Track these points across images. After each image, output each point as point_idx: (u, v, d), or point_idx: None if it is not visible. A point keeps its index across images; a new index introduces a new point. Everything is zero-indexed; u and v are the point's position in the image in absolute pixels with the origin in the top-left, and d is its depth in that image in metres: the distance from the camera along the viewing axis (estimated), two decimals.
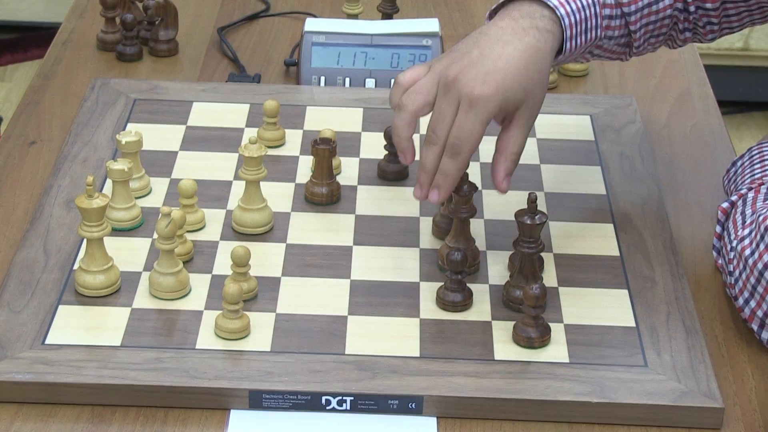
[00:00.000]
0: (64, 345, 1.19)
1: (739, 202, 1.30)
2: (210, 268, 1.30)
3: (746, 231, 1.24)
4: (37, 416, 1.15)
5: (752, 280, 1.22)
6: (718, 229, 1.31)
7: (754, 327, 1.24)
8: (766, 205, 1.24)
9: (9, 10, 3.44)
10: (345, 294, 1.27)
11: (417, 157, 1.28)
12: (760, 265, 1.21)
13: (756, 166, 1.36)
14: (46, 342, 1.20)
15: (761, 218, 1.22)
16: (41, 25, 3.35)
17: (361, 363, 1.19)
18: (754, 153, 1.39)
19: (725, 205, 1.31)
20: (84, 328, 1.22)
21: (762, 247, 1.20)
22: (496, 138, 1.28)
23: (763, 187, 1.28)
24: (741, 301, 1.24)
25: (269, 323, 1.23)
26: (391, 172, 1.44)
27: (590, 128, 1.56)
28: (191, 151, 1.50)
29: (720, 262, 1.31)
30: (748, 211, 1.27)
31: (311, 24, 1.66)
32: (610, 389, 1.17)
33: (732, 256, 1.26)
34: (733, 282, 1.25)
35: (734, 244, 1.25)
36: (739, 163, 1.40)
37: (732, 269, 1.25)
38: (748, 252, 1.22)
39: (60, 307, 1.24)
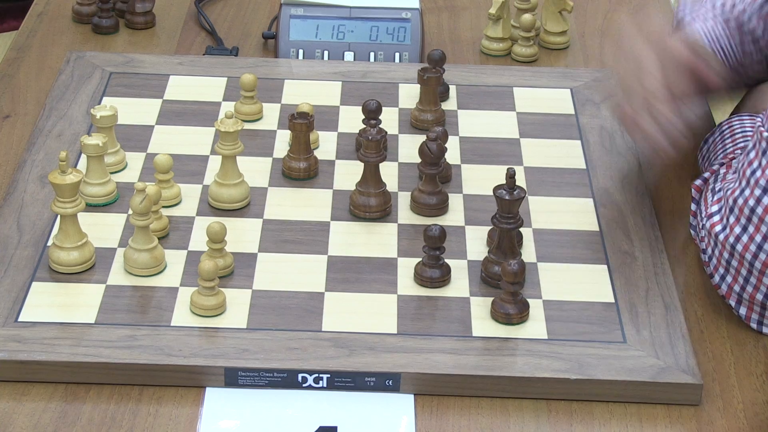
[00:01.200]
0: (37, 323, 1.18)
1: (711, 179, 1.29)
2: (186, 244, 1.29)
3: (715, 207, 1.23)
4: (10, 395, 1.13)
5: (726, 255, 1.21)
6: (693, 207, 1.31)
7: (732, 303, 1.24)
8: (732, 179, 1.24)
9: None
10: (322, 270, 1.26)
11: None
12: (731, 240, 1.20)
13: (727, 141, 1.35)
14: (19, 319, 1.18)
15: (728, 192, 1.21)
16: None
17: (337, 340, 1.18)
18: (724, 129, 1.38)
19: (698, 182, 1.31)
20: (58, 306, 1.21)
21: (732, 220, 1.20)
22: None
23: (734, 161, 1.28)
24: (717, 278, 1.24)
25: (245, 300, 1.22)
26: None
27: (570, 102, 1.55)
28: (167, 125, 1.48)
29: (697, 240, 1.30)
30: (718, 186, 1.26)
31: None
32: (589, 366, 1.16)
33: (703, 234, 1.25)
34: (707, 260, 1.25)
35: (705, 221, 1.24)
36: (710, 140, 1.40)
37: (704, 247, 1.25)
38: (719, 228, 1.22)
39: (33, 284, 1.23)
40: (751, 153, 1.20)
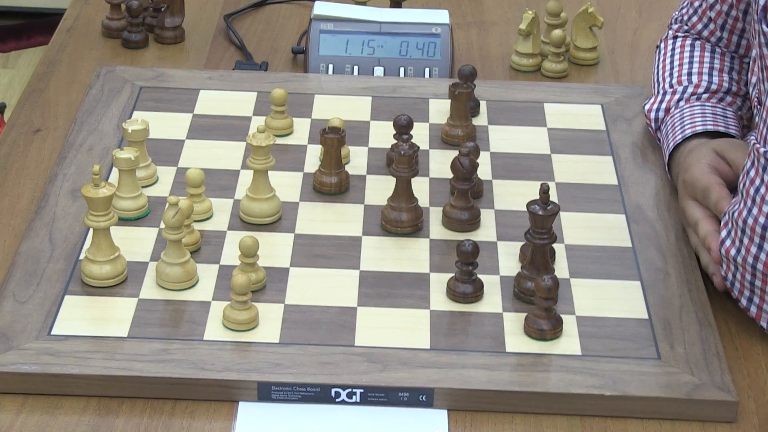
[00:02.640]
0: (70, 336, 1.18)
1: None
2: (218, 258, 1.29)
3: (724, 233, 1.23)
4: (44, 408, 1.13)
5: (748, 277, 1.20)
6: None
7: (764, 324, 1.23)
8: (736, 201, 1.23)
9: None
10: (354, 285, 1.26)
11: None
12: (750, 260, 1.19)
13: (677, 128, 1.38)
14: (52, 333, 1.18)
15: (735, 215, 1.21)
16: (44, 11, 3.33)
17: (370, 355, 1.17)
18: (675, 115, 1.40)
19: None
20: (90, 319, 1.21)
21: (746, 241, 1.19)
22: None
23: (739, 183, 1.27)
24: (744, 301, 1.23)
25: (278, 314, 1.22)
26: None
27: (601, 118, 1.54)
28: (198, 139, 1.48)
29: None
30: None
31: (320, 7, 1.64)
32: (623, 382, 1.16)
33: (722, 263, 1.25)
34: (730, 285, 1.24)
35: (720, 249, 1.24)
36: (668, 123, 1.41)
37: (724, 273, 1.24)
38: (734, 252, 1.21)
39: (66, 297, 1.23)
40: (750, 172, 1.20)
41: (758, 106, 1.28)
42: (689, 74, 1.46)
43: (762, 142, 1.19)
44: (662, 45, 1.53)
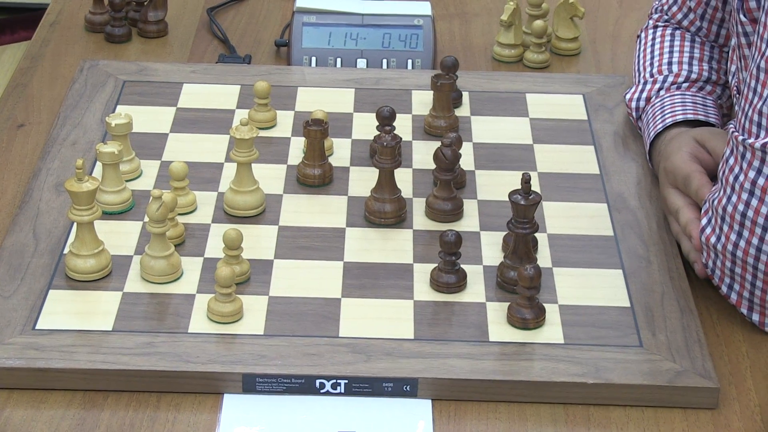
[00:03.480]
0: (54, 330, 1.18)
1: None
2: (202, 251, 1.29)
3: (704, 220, 1.23)
4: (29, 402, 1.14)
5: (728, 264, 1.21)
6: None
7: (744, 311, 1.24)
8: (715, 189, 1.24)
9: None
10: (338, 276, 1.27)
11: None
12: (730, 248, 1.20)
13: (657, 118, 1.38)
14: (37, 327, 1.19)
15: (715, 203, 1.22)
16: (28, 6, 3.32)
17: (355, 346, 1.18)
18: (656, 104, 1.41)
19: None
20: (75, 313, 1.21)
21: (725, 229, 1.20)
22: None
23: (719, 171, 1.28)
24: (725, 288, 1.24)
25: (262, 306, 1.22)
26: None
27: (583, 107, 1.55)
28: (182, 133, 1.48)
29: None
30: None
31: (302, 0, 1.64)
32: (606, 370, 1.16)
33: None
34: (710, 273, 1.25)
35: (701, 237, 1.25)
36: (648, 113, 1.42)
37: (705, 260, 1.25)
38: (714, 239, 1.22)
39: (50, 291, 1.23)
40: (730, 159, 1.21)
41: (737, 95, 1.29)
42: (669, 63, 1.47)
43: (740, 131, 1.20)
44: (642, 35, 1.54)
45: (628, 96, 1.49)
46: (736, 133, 1.20)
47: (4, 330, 1.18)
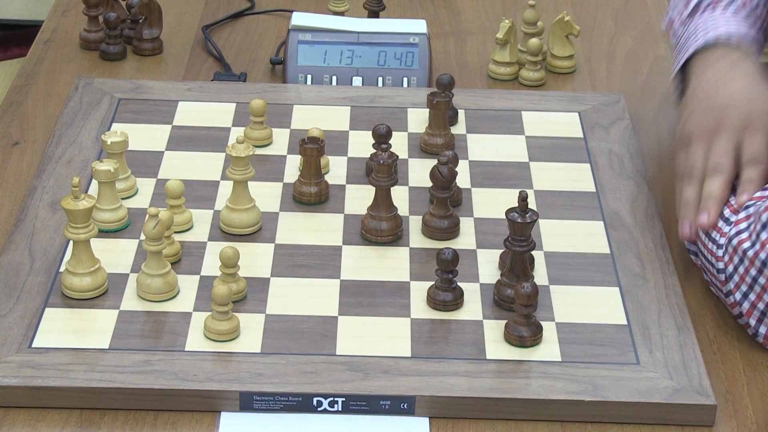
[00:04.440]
0: (51, 348, 1.18)
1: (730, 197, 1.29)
2: (198, 269, 1.29)
3: (743, 224, 1.22)
4: (25, 420, 1.13)
5: (753, 272, 1.20)
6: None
7: (752, 322, 1.23)
8: (763, 197, 1.22)
9: None
10: (335, 294, 1.26)
11: None
12: (763, 255, 1.19)
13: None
14: (33, 345, 1.18)
15: (762, 209, 1.20)
16: (21, 23, 3.32)
17: (352, 364, 1.18)
18: None
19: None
20: (71, 331, 1.21)
21: (764, 237, 1.19)
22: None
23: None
24: (738, 295, 1.23)
25: (259, 324, 1.22)
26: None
27: (579, 125, 1.55)
28: (177, 151, 1.48)
29: (699, 263, 1.30)
30: (744, 202, 1.25)
31: (298, 18, 1.65)
32: (603, 388, 1.16)
33: (721, 254, 1.25)
34: (726, 278, 1.25)
35: (729, 239, 1.23)
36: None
37: (723, 266, 1.25)
38: (747, 245, 1.20)
39: (46, 309, 1.23)
40: None
41: None
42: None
43: None
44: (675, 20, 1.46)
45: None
46: None
47: (1, 348, 1.18)
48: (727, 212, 1.25)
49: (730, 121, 1.28)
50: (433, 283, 1.26)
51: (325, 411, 1.15)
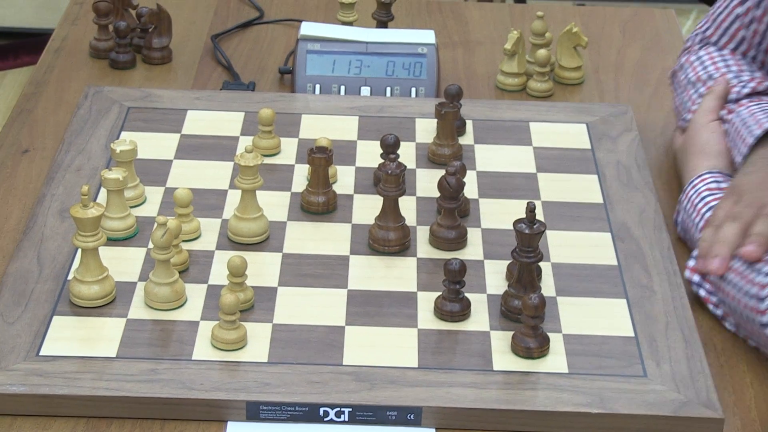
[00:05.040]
0: (58, 356, 1.18)
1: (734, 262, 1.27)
2: (206, 278, 1.29)
3: (766, 291, 1.20)
4: (32, 428, 1.14)
5: None
6: (703, 293, 1.30)
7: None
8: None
9: None
10: (342, 304, 1.27)
11: None
12: None
13: (698, 205, 1.35)
14: (41, 353, 1.19)
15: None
16: (29, 31, 3.34)
17: (359, 374, 1.18)
18: (690, 193, 1.37)
19: (692, 263, 1.30)
20: (79, 339, 1.21)
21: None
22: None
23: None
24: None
25: (266, 334, 1.22)
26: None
27: (586, 137, 1.55)
28: (186, 159, 1.49)
29: (720, 312, 1.28)
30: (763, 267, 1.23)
31: (306, 28, 1.65)
32: (610, 399, 1.16)
33: (764, 307, 1.20)
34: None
35: (761, 312, 1.20)
36: (684, 203, 1.38)
37: (765, 307, 1.21)
38: None
39: (54, 317, 1.23)
40: None
41: None
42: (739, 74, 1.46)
43: None
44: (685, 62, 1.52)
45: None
46: None
47: (8, 356, 1.18)
48: (765, 267, 1.23)
49: None
50: (441, 293, 1.26)
51: (331, 421, 1.15)
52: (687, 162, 1.43)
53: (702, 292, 1.29)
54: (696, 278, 1.30)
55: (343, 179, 1.46)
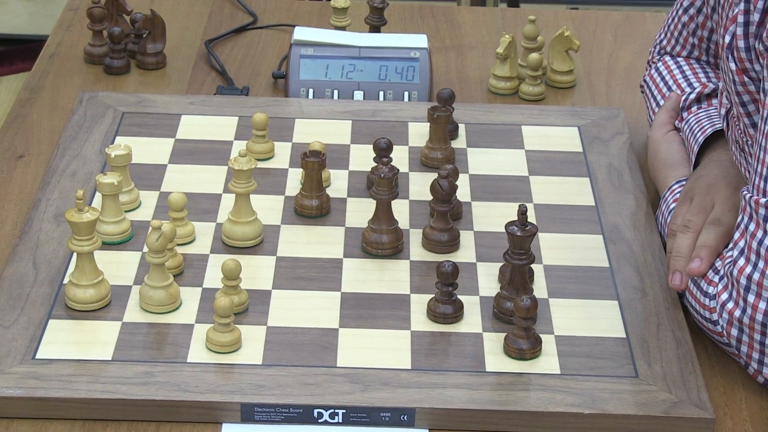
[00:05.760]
0: (54, 360, 1.19)
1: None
2: (200, 281, 1.30)
3: (725, 295, 1.20)
4: (29, 431, 1.14)
5: (757, 337, 1.18)
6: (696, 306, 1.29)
7: None
8: (730, 258, 1.21)
9: None
10: (336, 307, 1.27)
11: None
12: (760, 318, 1.17)
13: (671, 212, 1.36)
14: (37, 357, 1.19)
15: (736, 273, 1.18)
16: (25, 38, 3.34)
17: (352, 375, 1.19)
18: (668, 198, 1.38)
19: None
20: (74, 343, 1.22)
21: (752, 299, 1.17)
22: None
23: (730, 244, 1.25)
24: (755, 364, 1.20)
25: (260, 336, 1.23)
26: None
27: (578, 140, 1.56)
28: (180, 164, 1.50)
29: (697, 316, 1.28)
30: (716, 274, 1.23)
31: (300, 33, 1.66)
32: (602, 400, 1.17)
33: (720, 327, 1.22)
34: (736, 351, 1.21)
35: (719, 313, 1.21)
36: (659, 218, 1.39)
37: (727, 339, 1.21)
38: (738, 313, 1.19)
39: (50, 321, 1.24)
40: (750, 226, 1.18)
41: (740, 152, 1.28)
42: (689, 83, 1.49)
43: (758, 193, 1.17)
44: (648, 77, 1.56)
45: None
46: (756, 197, 1.17)
47: (4, 359, 1.19)
48: (704, 285, 1.24)
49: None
50: (433, 295, 1.27)
51: (325, 423, 1.16)
52: (656, 178, 1.45)
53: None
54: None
55: (337, 183, 1.47)
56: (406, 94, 1.65)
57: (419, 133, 1.57)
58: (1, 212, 1.43)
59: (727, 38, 1.20)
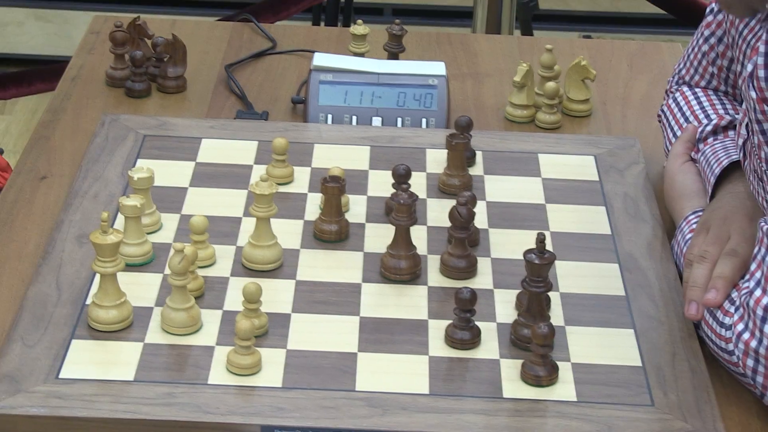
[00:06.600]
0: (77, 379, 1.21)
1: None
2: (221, 304, 1.32)
3: (741, 326, 1.21)
4: None
5: None
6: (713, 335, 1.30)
7: None
8: (746, 289, 1.22)
9: (10, 44, 3.47)
10: (354, 331, 1.29)
11: None
12: None
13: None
14: (60, 376, 1.21)
15: (753, 303, 1.19)
16: (41, 58, 3.37)
17: (371, 399, 1.20)
18: (684, 228, 1.40)
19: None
20: (97, 363, 1.23)
21: (767, 330, 1.18)
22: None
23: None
24: None
25: (280, 359, 1.24)
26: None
27: (594, 168, 1.58)
28: (201, 187, 1.51)
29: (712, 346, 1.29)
30: (731, 303, 1.24)
31: (319, 59, 1.68)
32: (618, 428, 1.18)
33: (735, 358, 1.23)
34: (752, 381, 1.22)
35: (734, 343, 1.22)
36: (675, 248, 1.41)
37: (742, 370, 1.22)
38: (755, 344, 1.19)
39: (73, 341, 1.25)
40: (767, 257, 1.19)
41: (758, 182, 1.28)
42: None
43: None
44: (665, 108, 1.57)
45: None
46: None
47: (28, 378, 1.20)
48: (720, 315, 1.25)
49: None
50: (451, 321, 1.29)
51: None
52: (672, 208, 1.46)
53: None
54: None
55: (355, 208, 1.48)
56: (424, 120, 1.66)
57: (437, 159, 1.58)
58: (24, 233, 1.44)
59: (749, 67, 1.22)
